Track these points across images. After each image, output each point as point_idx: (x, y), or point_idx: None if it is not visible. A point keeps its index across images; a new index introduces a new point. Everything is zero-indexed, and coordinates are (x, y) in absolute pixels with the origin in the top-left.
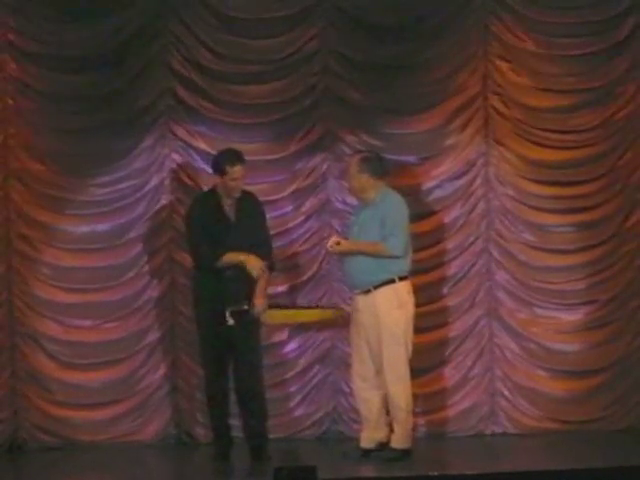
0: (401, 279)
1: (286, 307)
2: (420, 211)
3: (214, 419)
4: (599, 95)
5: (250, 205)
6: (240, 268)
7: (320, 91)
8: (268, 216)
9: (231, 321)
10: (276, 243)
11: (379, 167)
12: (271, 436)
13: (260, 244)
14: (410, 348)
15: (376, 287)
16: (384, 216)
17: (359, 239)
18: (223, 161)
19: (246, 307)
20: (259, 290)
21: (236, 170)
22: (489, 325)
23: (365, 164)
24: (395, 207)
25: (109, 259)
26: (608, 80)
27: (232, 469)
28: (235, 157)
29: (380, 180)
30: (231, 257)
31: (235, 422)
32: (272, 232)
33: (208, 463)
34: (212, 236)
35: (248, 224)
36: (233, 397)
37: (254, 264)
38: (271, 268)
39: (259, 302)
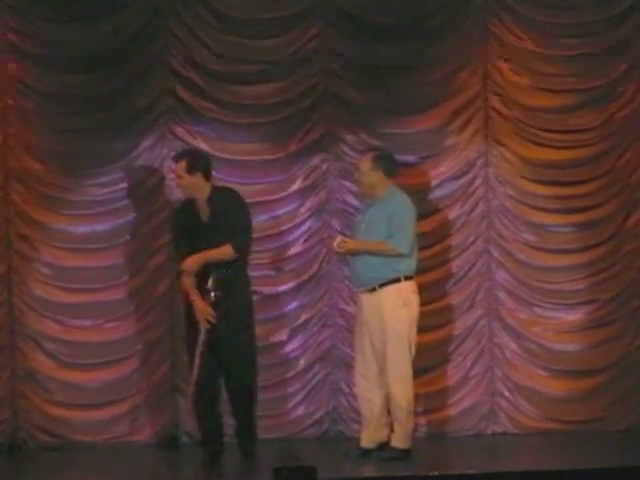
0: (407, 278)
1: None
2: (420, 211)
3: (203, 420)
4: (599, 95)
5: (220, 201)
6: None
7: (320, 91)
8: (268, 216)
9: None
10: (276, 243)
11: (391, 165)
12: (271, 436)
13: (231, 233)
14: (414, 348)
15: (381, 285)
16: (391, 214)
17: (366, 238)
18: None
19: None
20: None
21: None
22: (489, 325)
23: (378, 162)
24: (403, 206)
25: (109, 259)
26: (608, 80)
27: (228, 470)
28: None
29: (390, 178)
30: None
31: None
32: (272, 232)
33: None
34: (190, 238)
35: (219, 221)
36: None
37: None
38: (239, 253)
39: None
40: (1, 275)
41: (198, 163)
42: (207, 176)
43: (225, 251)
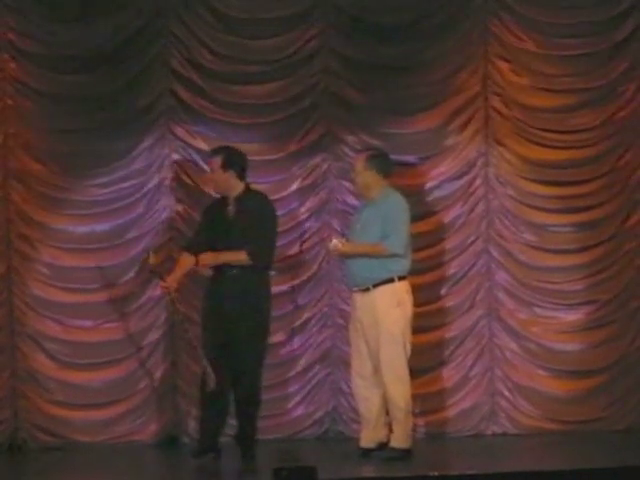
0: (400, 278)
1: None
2: (420, 211)
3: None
4: (599, 95)
5: (249, 202)
6: (240, 268)
7: (320, 91)
8: None
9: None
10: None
11: (386, 166)
12: (271, 436)
13: (249, 240)
14: (409, 348)
15: (375, 285)
16: (386, 214)
17: (361, 238)
18: None
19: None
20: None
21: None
22: (489, 325)
23: (372, 161)
24: (397, 206)
25: (109, 259)
26: (608, 80)
27: (228, 470)
28: None
29: (385, 179)
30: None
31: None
32: None
33: (207, 464)
34: (212, 232)
35: (243, 222)
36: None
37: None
38: (254, 260)
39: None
40: (1, 275)
41: (233, 161)
42: (240, 175)
43: (240, 257)
